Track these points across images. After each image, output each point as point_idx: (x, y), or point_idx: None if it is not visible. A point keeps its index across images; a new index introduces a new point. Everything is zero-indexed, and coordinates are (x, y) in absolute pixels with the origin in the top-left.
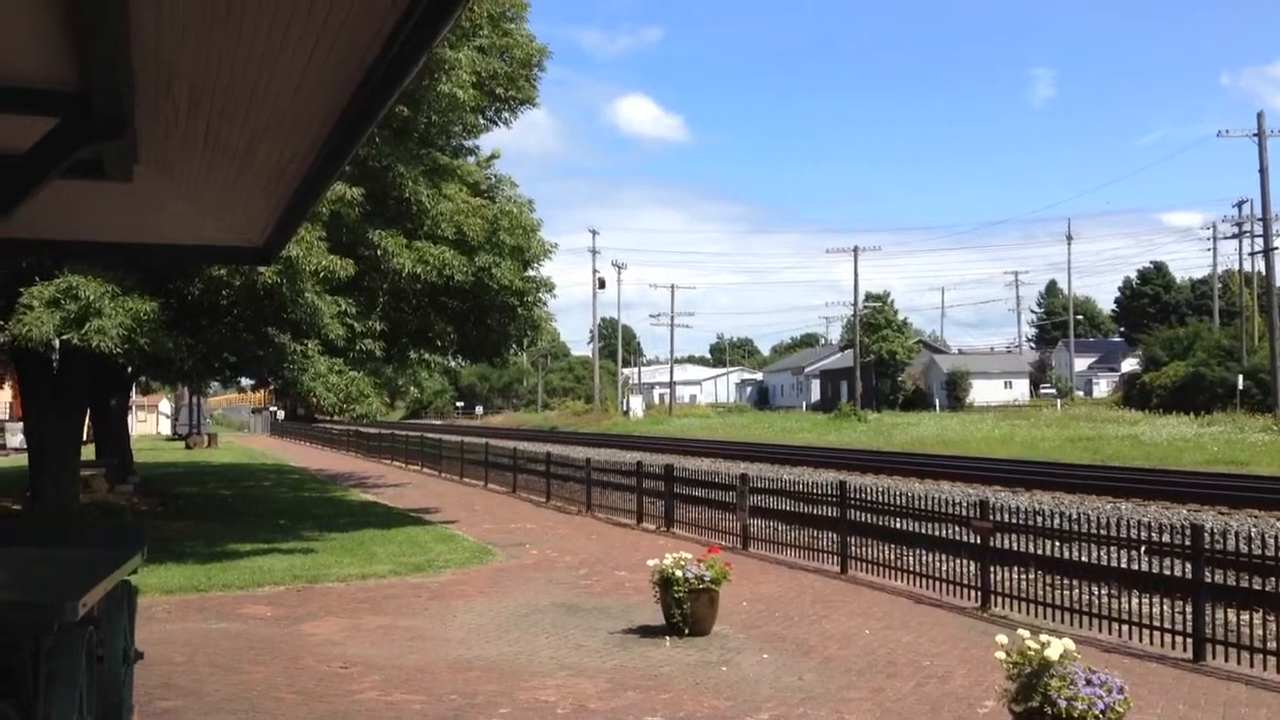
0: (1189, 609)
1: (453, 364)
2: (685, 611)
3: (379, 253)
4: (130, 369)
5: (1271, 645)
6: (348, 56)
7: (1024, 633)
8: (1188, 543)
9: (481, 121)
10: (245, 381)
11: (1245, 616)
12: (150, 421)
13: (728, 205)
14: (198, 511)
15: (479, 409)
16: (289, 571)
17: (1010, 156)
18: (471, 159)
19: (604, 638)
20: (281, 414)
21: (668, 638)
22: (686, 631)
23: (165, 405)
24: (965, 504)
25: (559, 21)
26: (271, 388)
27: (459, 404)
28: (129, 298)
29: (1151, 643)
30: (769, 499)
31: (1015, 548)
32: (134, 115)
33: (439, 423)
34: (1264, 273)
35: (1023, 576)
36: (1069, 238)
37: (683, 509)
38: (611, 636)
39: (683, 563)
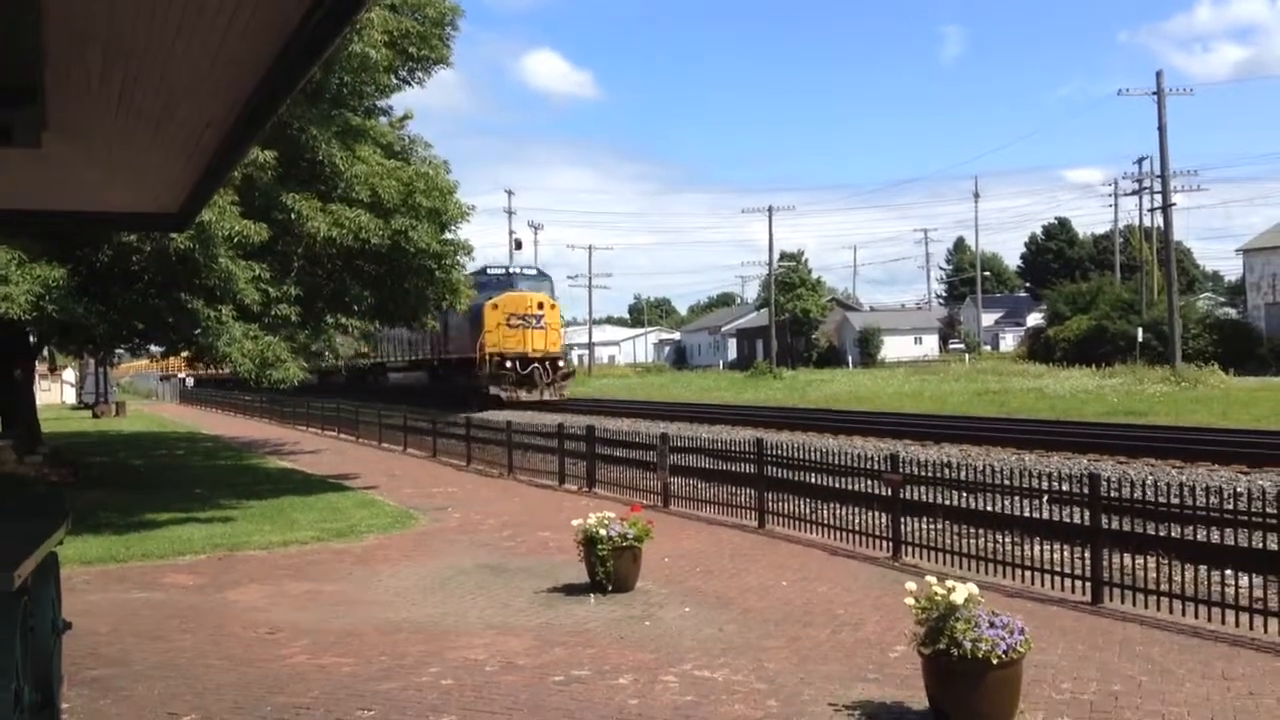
0: (1088, 555)
1: (370, 328)
2: (609, 569)
3: (293, 216)
4: (36, 337)
5: (1165, 587)
6: (270, 19)
7: (931, 579)
8: (1086, 491)
9: (394, 81)
10: (155, 349)
11: (1140, 561)
12: (55, 390)
13: (640, 164)
14: (110, 481)
15: None
16: (209, 540)
17: (919, 116)
18: (384, 120)
19: (530, 597)
20: (191, 381)
21: (592, 595)
22: (610, 589)
23: (70, 374)
24: (877, 458)
25: None
26: (184, 354)
27: None
28: (37, 265)
29: (1053, 587)
30: (689, 458)
31: (924, 499)
32: (44, 81)
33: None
34: (1163, 228)
35: (932, 527)
36: (976, 195)
37: (604, 469)
38: (537, 595)
39: (606, 522)
